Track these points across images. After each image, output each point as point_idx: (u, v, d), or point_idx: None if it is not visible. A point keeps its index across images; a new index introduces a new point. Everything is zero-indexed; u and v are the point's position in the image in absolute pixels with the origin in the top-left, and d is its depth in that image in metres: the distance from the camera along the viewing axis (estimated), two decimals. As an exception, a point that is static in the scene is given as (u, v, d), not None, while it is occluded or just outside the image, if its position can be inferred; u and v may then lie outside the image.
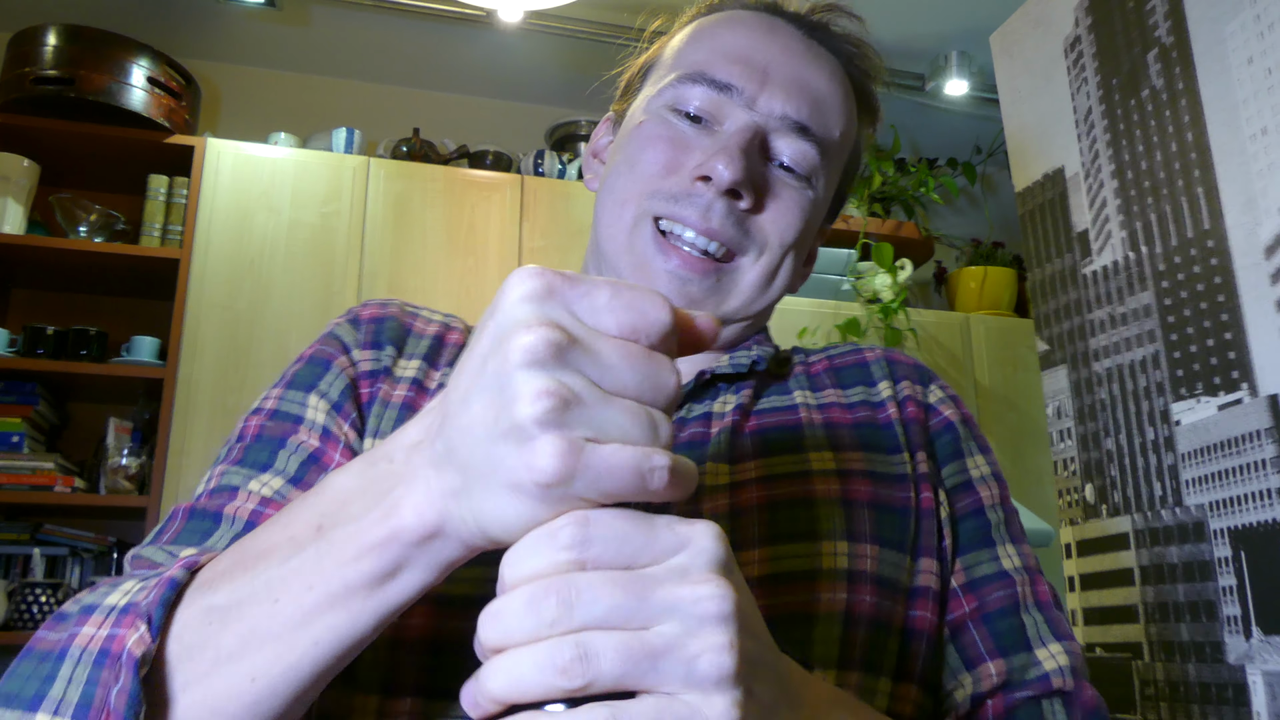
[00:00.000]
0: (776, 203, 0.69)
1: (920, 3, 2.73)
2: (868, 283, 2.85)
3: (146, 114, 2.42)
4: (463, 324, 0.74)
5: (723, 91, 0.68)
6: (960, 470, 0.71)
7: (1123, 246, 1.64)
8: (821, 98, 0.71)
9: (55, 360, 2.33)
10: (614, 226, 0.69)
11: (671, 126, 0.69)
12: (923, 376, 0.75)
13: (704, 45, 0.71)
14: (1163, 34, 1.58)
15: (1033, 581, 0.68)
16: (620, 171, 0.70)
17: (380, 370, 0.67)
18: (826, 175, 0.72)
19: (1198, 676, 1.42)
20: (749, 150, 0.66)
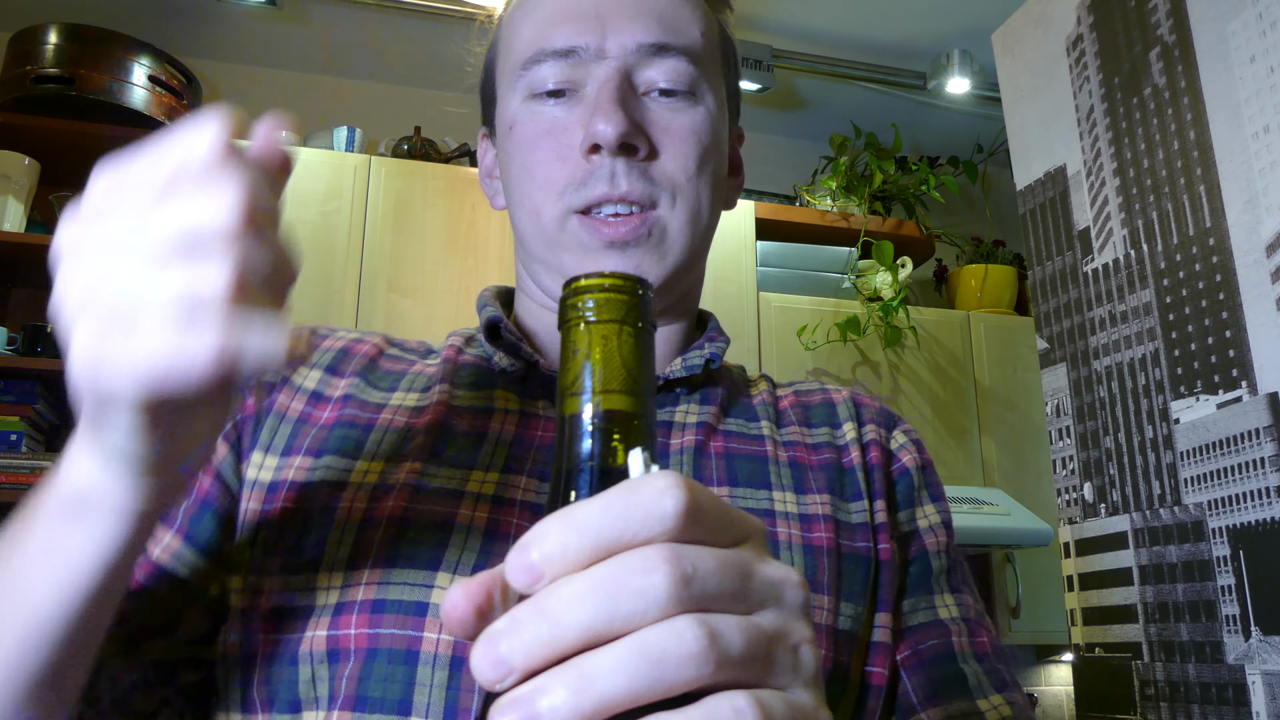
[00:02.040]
0: (670, 136, 0.66)
1: (921, 2, 2.72)
2: (868, 281, 2.84)
3: (147, 113, 2.42)
4: (381, 339, 0.72)
5: (569, 58, 0.65)
6: (910, 519, 0.70)
7: (1123, 244, 1.63)
8: (665, 7, 0.68)
9: (54, 359, 2.33)
10: (539, 237, 0.67)
11: (541, 115, 0.66)
12: (888, 420, 0.75)
13: (529, 21, 0.68)
14: (1165, 32, 1.58)
15: (972, 633, 0.66)
16: (520, 182, 0.68)
17: (277, 382, 0.66)
18: (708, 79, 0.69)
19: (1197, 676, 1.42)
20: (621, 98, 0.64)
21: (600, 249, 0.64)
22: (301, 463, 0.62)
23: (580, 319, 0.33)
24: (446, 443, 0.63)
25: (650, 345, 0.34)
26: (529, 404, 0.66)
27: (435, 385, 0.67)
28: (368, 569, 0.56)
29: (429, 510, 0.59)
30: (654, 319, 0.34)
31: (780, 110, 3.28)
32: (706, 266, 0.75)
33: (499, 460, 0.62)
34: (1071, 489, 1.70)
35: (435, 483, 0.60)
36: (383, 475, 0.61)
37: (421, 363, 0.71)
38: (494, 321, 0.69)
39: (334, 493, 0.60)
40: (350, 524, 0.58)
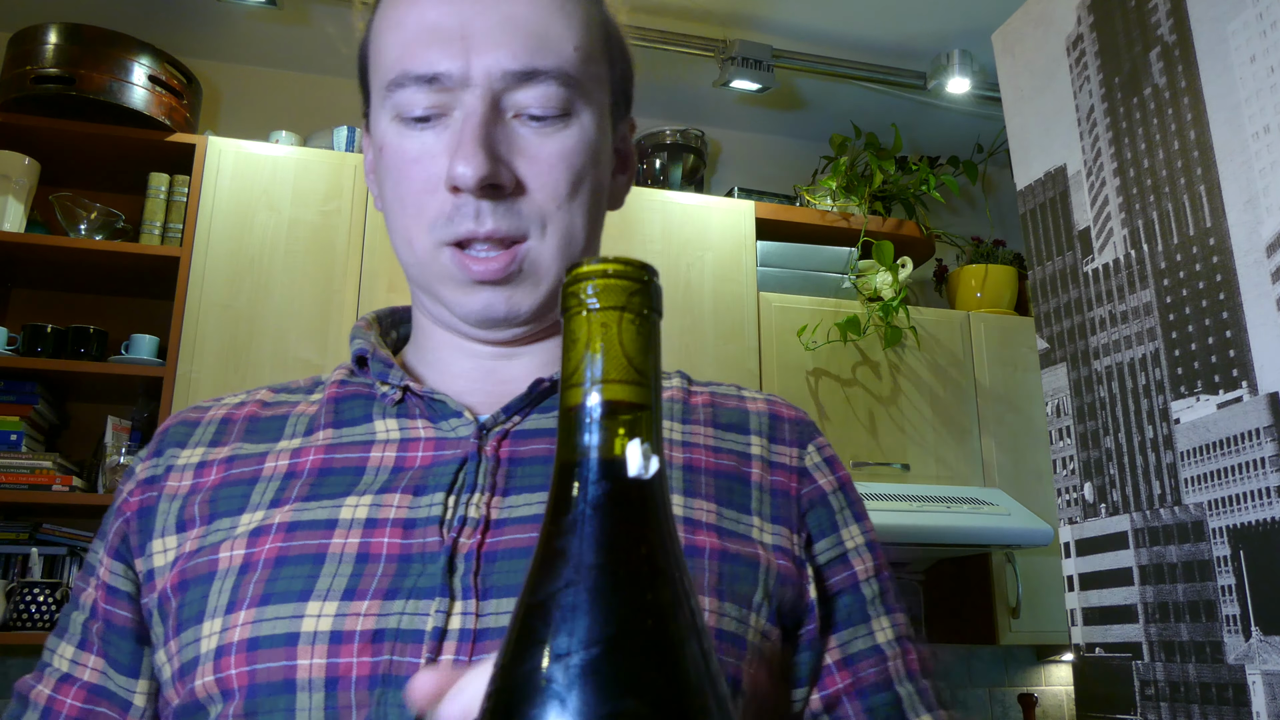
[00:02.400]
0: (539, 166, 0.64)
1: (921, 2, 2.72)
2: (868, 281, 2.84)
3: (147, 112, 2.42)
4: (265, 392, 0.73)
5: (433, 83, 0.63)
6: (836, 544, 0.69)
7: (1124, 244, 1.63)
8: (535, 26, 0.64)
9: (54, 359, 2.33)
10: (415, 265, 0.67)
11: (409, 142, 0.65)
12: (802, 435, 0.73)
13: (395, 35, 0.65)
14: (1165, 32, 1.58)
15: (905, 653, 0.68)
16: (393, 208, 0.67)
17: (163, 473, 0.67)
18: (584, 94, 0.66)
19: (1197, 676, 1.42)
20: (484, 135, 0.61)
21: (472, 284, 0.64)
22: (196, 533, 0.63)
23: (581, 306, 0.32)
24: (325, 480, 0.63)
25: (654, 334, 0.33)
26: (409, 429, 0.66)
27: (319, 428, 0.67)
28: (244, 610, 0.57)
29: (302, 545, 0.59)
30: (660, 307, 0.33)
31: (780, 110, 3.28)
32: (707, 267, 0.75)
33: (376, 485, 0.63)
34: (1071, 489, 1.70)
35: (309, 516, 0.61)
36: (262, 521, 0.61)
37: (305, 401, 0.71)
38: (360, 355, 0.69)
39: (216, 550, 0.61)
40: (230, 572, 0.59)
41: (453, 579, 0.58)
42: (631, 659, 0.30)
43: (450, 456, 0.64)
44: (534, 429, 0.66)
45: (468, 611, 0.56)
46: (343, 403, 0.69)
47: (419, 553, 0.59)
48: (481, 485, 0.62)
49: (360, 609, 0.56)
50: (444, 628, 0.56)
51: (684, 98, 3.17)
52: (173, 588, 0.61)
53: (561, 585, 0.31)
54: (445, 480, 0.62)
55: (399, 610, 0.56)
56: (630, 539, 0.32)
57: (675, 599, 0.31)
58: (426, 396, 0.66)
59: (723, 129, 3.36)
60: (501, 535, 0.60)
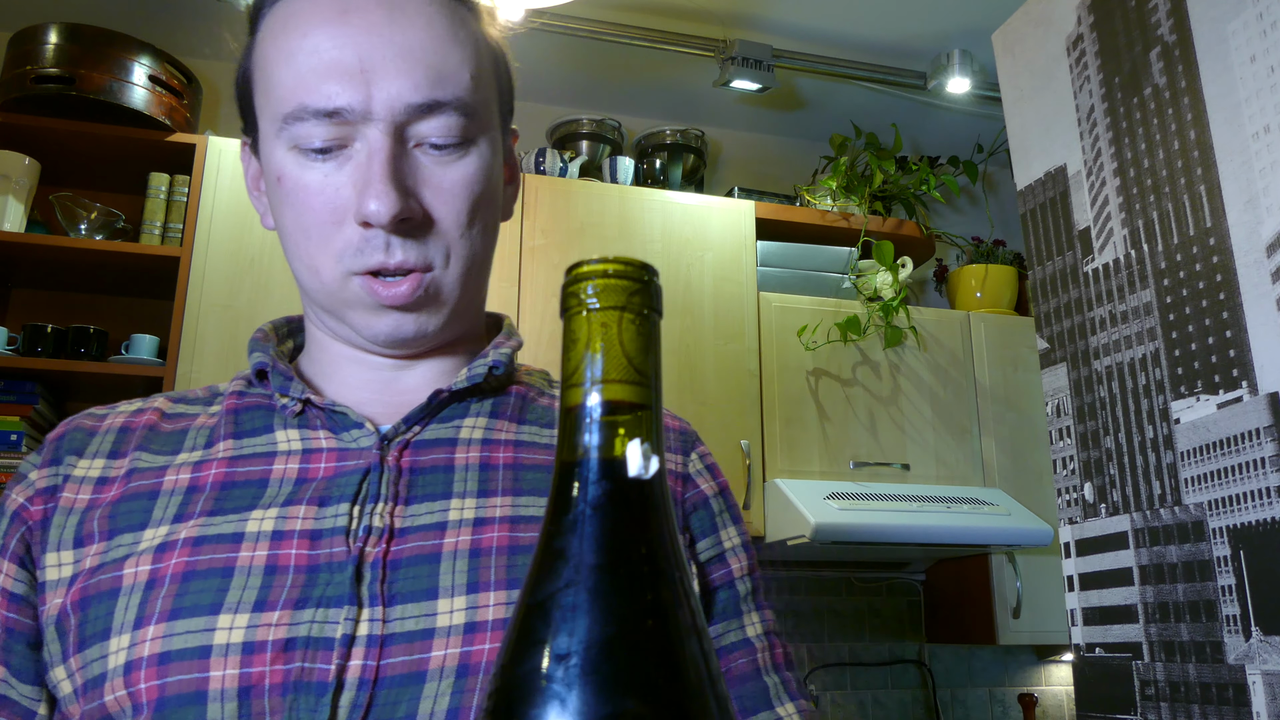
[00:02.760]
0: (442, 195, 0.66)
1: (921, 2, 2.72)
2: (868, 281, 2.84)
3: (147, 112, 2.42)
4: (162, 401, 0.73)
5: (333, 117, 0.63)
6: (715, 544, 0.73)
7: (1124, 244, 1.63)
8: (433, 57, 0.65)
9: (54, 359, 2.33)
10: (321, 292, 0.68)
11: (309, 173, 0.65)
12: (685, 444, 0.76)
13: (288, 65, 0.64)
14: (1165, 32, 1.58)
15: (771, 646, 0.74)
16: (295, 237, 0.67)
17: (60, 482, 0.66)
18: (481, 120, 0.68)
19: (1197, 676, 1.42)
20: (392, 172, 0.63)
21: (381, 309, 0.66)
22: (96, 549, 0.63)
23: (581, 306, 0.32)
24: (229, 493, 0.64)
25: (654, 334, 0.33)
26: (310, 439, 0.67)
27: (219, 440, 0.68)
28: (153, 625, 0.58)
29: (209, 559, 0.60)
30: (660, 307, 0.33)
31: (780, 110, 3.28)
32: (707, 267, 0.77)
33: (280, 497, 0.63)
34: (1071, 489, 1.70)
35: (215, 530, 0.62)
36: (167, 536, 0.62)
37: (205, 413, 0.71)
38: (260, 368, 0.70)
39: (120, 565, 0.61)
40: (136, 588, 0.60)
41: (360, 587, 0.59)
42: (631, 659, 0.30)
43: (353, 467, 0.65)
44: (433, 439, 0.68)
45: (375, 618, 0.58)
46: (242, 414, 0.70)
47: (326, 563, 0.60)
48: (385, 495, 0.64)
49: (271, 619, 0.58)
50: (353, 634, 0.58)
51: (684, 98, 3.17)
52: (73, 605, 0.61)
53: (561, 585, 0.31)
54: (350, 491, 0.63)
55: (309, 619, 0.58)
56: (630, 539, 0.32)
57: (675, 599, 0.31)
58: (327, 409, 0.67)
59: (723, 129, 3.36)
60: (405, 543, 0.62)
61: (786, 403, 2.68)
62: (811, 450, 2.67)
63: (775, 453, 2.63)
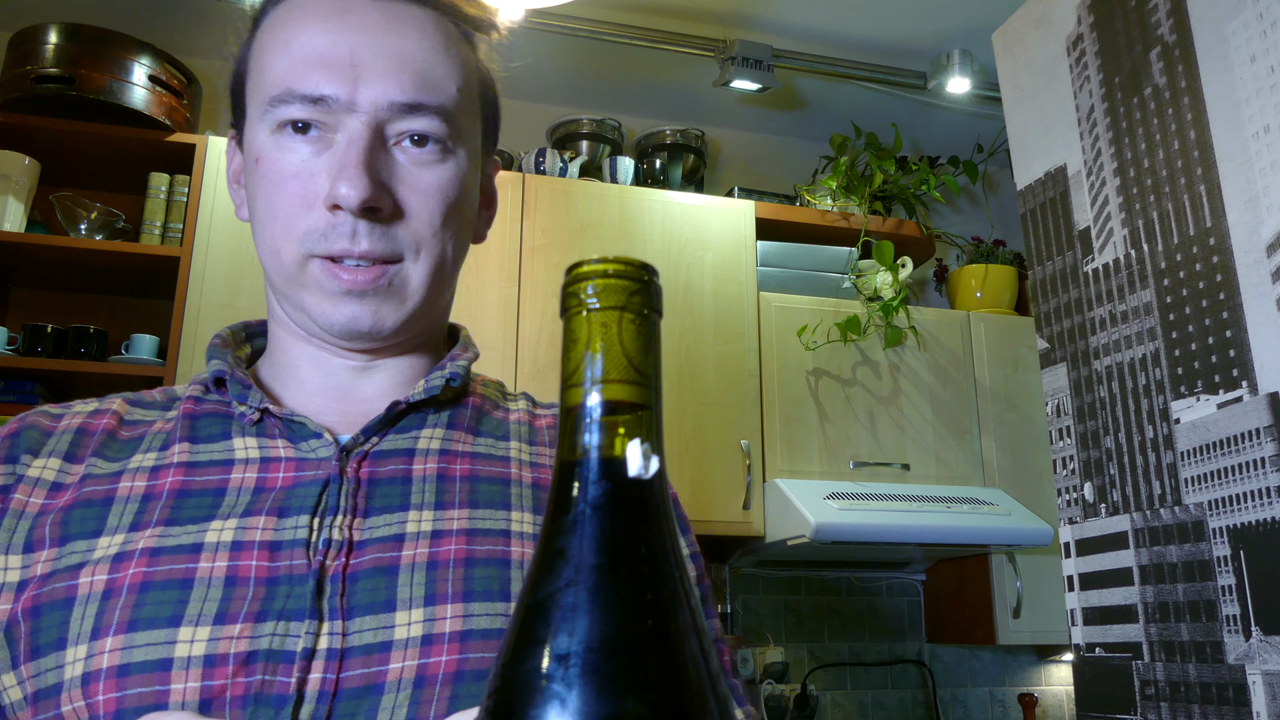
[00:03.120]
0: (417, 194, 0.67)
1: (921, 2, 2.72)
2: (868, 281, 2.84)
3: (147, 112, 2.42)
4: (119, 403, 0.72)
5: (318, 104, 0.65)
6: None
7: (1124, 244, 1.63)
8: (422, 64, 0.67)
9: (54, 359, 2.33)
10: (280, 274, 0.68)
11: (288, 156, 0.66)
12: None
13: (282, 54, 0.67)
14: (1165, 32, 1.58)
15: (719, 654, 0.72)
16: (263, 219, 0.68)
17: (14, 482, 0.65)
18: (462, 132, 0.69)
19: (1197, 676, 1.42)
20: (368, 161, 0.64)
21: (339, 294, 0.66)
22: (47, 555, 0.62)
23: (581, 306, 0.32)
24: (186, 502, 0.64)
25: (655, 334, 0.33)
26: (269, 448, 0.67)
27: (174, 444, 0.67)
28: (111, 637, 0.57)
29: (168, 570, 0.60)
30: (660, 307, 0.33)
31: (780, 110, 3.28)
32: (707, 267, 0.77)
33: (239, 508, 0.63)
34: (1071, 489, 1.70)
35: (174, 541, 0.61)
36: (123, 545, 0.61)
37: (161, 418, 0.71)
38: (219, 376, 0.70)
39: (75, 574, 0.61)
40: (93, 598, 0.59)
41: (321, 601, 0.60)
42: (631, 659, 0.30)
43: (312, 478, 0.65)
44: (391, 449, 0.68)
45: (334, 632, 0.59)
46: (199, 420, 0.69)
47: (286, 575, 0.60)
48: (344, 508, 0.64)
49: (233, 632, 0.58)
50: (313, 648, 0.58)
51: (684, 98, 3.17)
52: (24, 612, 0.60)
53: (561, 585, 0.31)
54: (309, 503, 0.63)
55: (269, 632, 0.58)
56: (630, 539, 0.32)
57: (675, 599, 0.31)
58: (285, 418, 0.67)
59: (723, 129, 3.36)
60: (363, 556, 0.62)
61: (786, 403, 2.68)
62: (811, 450, 2.67)
63: (775, 453, 2.63)
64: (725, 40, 2.83)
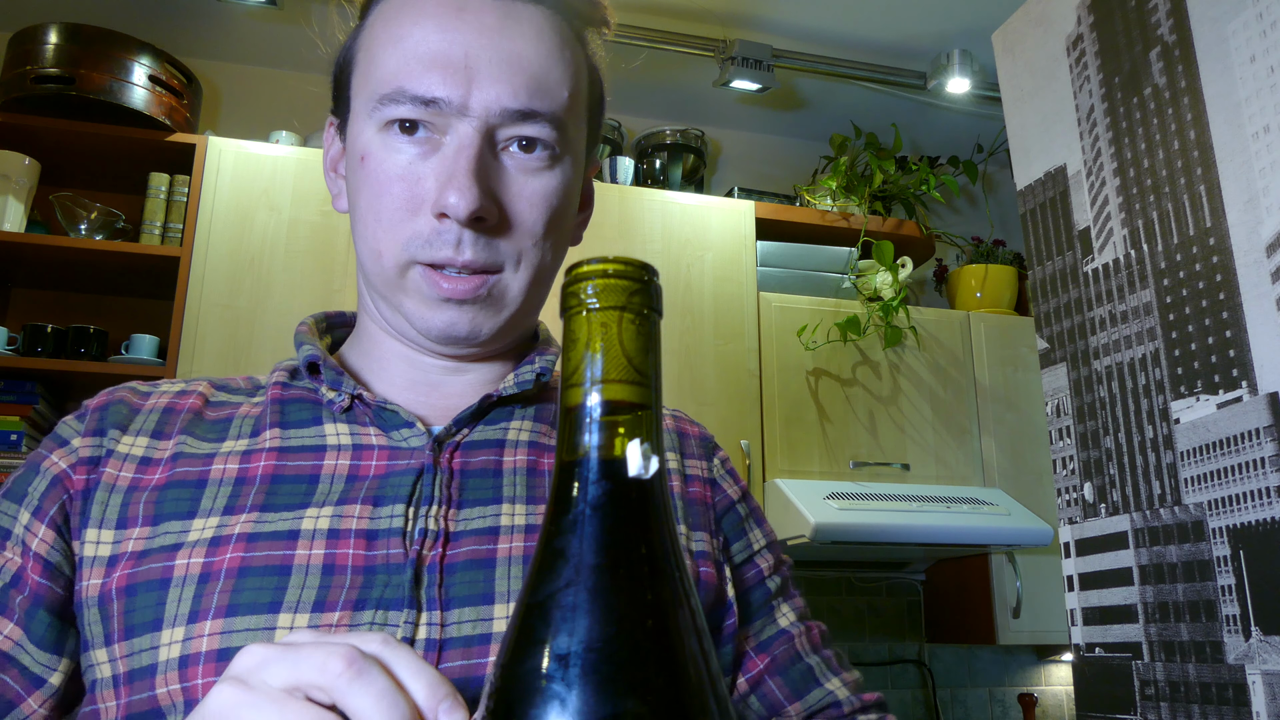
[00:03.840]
0: (522, 203, 0.66)
1: (921, 2, 2.72)
2: (868, 280, 2.84)
3: (147, 112, 2.42)
4: (205, 386, 0.72)
5: (430, 106, 0.64)
6: (745, 547, 0.76)
7: (1124, 244, 1.63)
8: (537, 68, 0.66)
9: (54, 359, 2.33)
10: (380, 276, 0.67)
11: (395, 156, 0.65)
12: (708, 450, 0.79)
13: (395, 49, 0.65)
14: (1165, 32, 1.58)
15: (808, 630, 0.76)
16: (365, 219, 0.67)
17: (103, 455, 0.66)
18: (570, 139, 0.69)
19: (1197, 676, 1.42)
20: (477, 169, 0.63)
21: (439, 301, 0.66)
22: (140, 533, 0.62)
23: (581, 306, 0.32)
24: (280, 488, 0.64)
25: (655, 334, 0.33)
26: (360, 435, 0.67)
27: (265, 429, 0.67)
28: (209, 620, 0.58)
29: (265, 555, 0.60)
30: (660, 307, 0.33)
31: (780, 110, 3.28)
32: (707, 267, 0.77)
33: (334, 495, 0.63)
34: (1071, 489, 1.70)
35: (270, 528, 0.61)
36: (219, 529, 0.62)
37: (248, 403, 0.71)
38: (312, 361, 0.70)
39: (171, 555, 0.61)
40: (189, 580, 0.59)
41: (418, 591, 0.60)
42: (631, 659, 0.30)
43: (405, 467, 0.65)
44: (481, 440, 0.68)
45: (433, 623, 0.59)
46: (288, 405, 0.69)
47: (383, 564, 0.60)
48: (438, 498, 0.64)
49: (332, 620, 0.58)
50: (412, 638, 0.58)
51: (684, 98, 3.17)
52: (119, 590, 0.60)
53: (561, 585, 0.31)
54: (404, 492, 0.63)
55: (368, 621, 0.58)
56: (630, 539, 0.32)
57: (675, 599, 0.31)
58: (377, 406, 0.67)
59: (723, 129, 3.36)
60: (460, 547, 0.62)
61: (786, 403, 2.68)
62: (811, 450, 2.67)
63: (775, 453, 2.63)
64: (725, 40, 2.83)
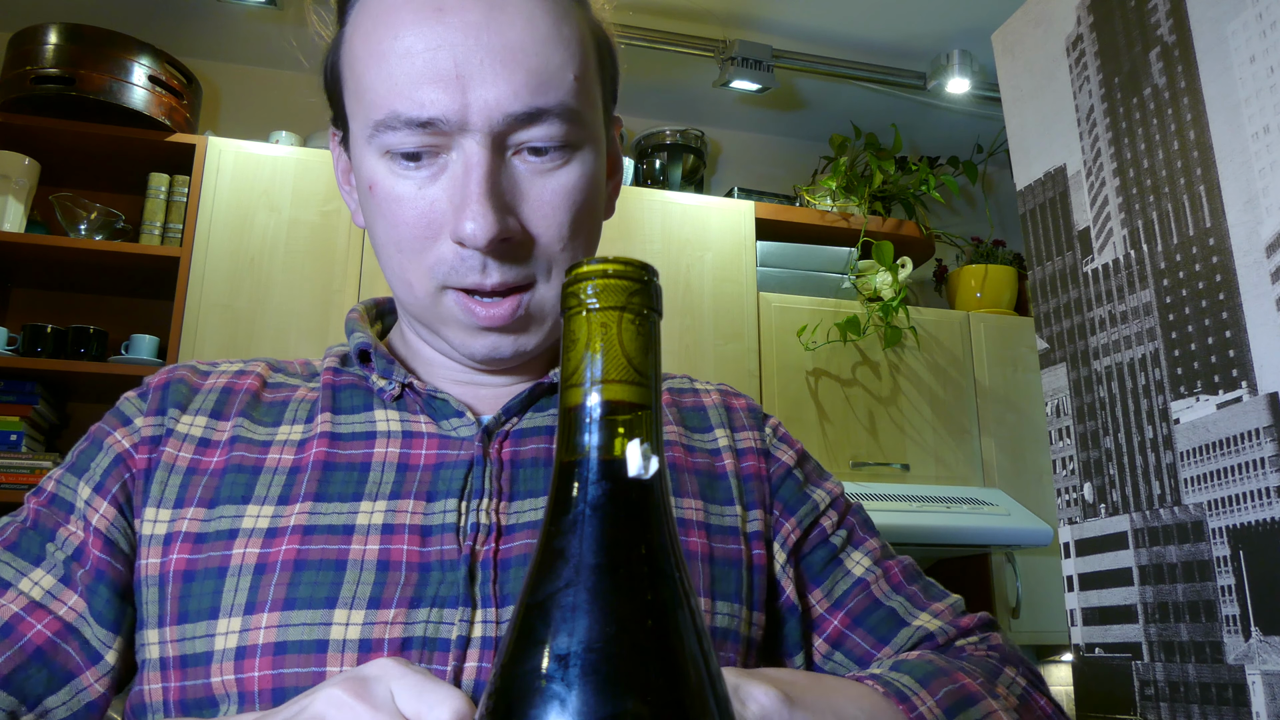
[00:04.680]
0: (544, 208, 0.62)
1: (921, 2, 2.72)
2: (868, 281, 2.84)
3: (147, 113, 2.42)
4: (264, 367, 0.72)
5: (426, 127, 0.60)
6: (810, 511, 0.73)
7: (1123, 244, 1.63)
8: (535, 59, 0.60)
9: (54, 359, 2.33)
10: (415, 305, 0.66)
11: (402, 183, 0.62)
12: (758, 419, 0.77)
13: (379, 68, 0.61)
14: (1164, 32, 1.58)
15: (886, 572, 0.73)
16: (387, 248, 0.65)
17: (164, 434, 0.66)
18: (585, 123, 0.64)
19: (1197, 676, 1.42)
20: (490, 190, 0.59)
21: (477, 329, 0.64)
22: (195, 514, 0.62)
23: (581, 307, 0.32)
24: (333, 476, 0.64)
25: (655, 334, 0.33)
26: (410, 422, 0.67)
27: (318, 414, 0.67)
28: (266, 613, 0.57)
29: (321, 549, 0.60)
30: (660, 307, 0.33)
31: (780, 110, 3.28)
32: (707, 267, 0.77)
33: (385, 488, 0.63)
34: (1071, 489, 1.70)
35: (325, 521, 0.61)
36: (274, 519, 0.62)
37: (305, 387, 0.71)
38: (363, 349, 0.69)
39: (227, 541, 0.61)
40: (245, 570, 0.59)
41: (473, 587, 0.59)
42: (631, 659, 0.30)
43: (455, 459, 0.64)
44: (530, 427, 0.67)
45: (489, 620, 0.58)
46: (340, 391, 0.69)
47: (437, 560, 0.60)
48: (489, 490, 0.63)
49: (387, 617, 0.57)
50: (468, 636, 0.57)
51: (684, 98, 3.17)
52: (176, 574, 0.60)
53: (561, 585, 0.31)
54: (456, 486, 0.63)
55: (424, 619, 0.58)
56: (630, 539, 0.32)
57: (675, 599, 0.31)
58: (428, 394, 0.67)
59: (723, 129, 3.36)
60: (513, 542, 0.61)
61: (786, 403, 2.68)
62: (811, 450, 2.66)
63: (775, 453, 2.63)
64: (725, 40, 2.83)
